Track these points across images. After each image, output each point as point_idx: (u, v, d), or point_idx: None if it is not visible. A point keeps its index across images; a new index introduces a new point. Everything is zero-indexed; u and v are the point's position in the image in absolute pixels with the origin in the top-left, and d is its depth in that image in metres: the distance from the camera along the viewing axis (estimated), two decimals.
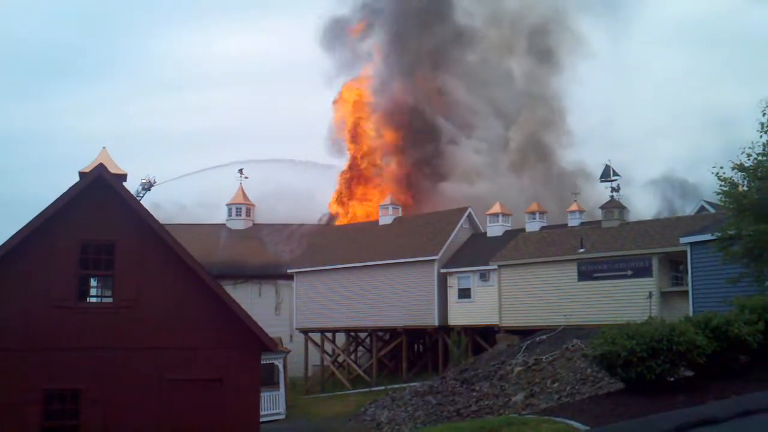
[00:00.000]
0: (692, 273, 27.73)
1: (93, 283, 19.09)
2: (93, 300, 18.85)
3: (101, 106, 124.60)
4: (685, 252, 28.64)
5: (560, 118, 66.50)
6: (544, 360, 29.21)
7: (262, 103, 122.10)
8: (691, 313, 23.57)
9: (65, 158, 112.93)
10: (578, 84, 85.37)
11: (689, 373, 13.76)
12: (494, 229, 43.48)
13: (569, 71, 68.28)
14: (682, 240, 28.64)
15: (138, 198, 64.04)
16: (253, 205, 61.05)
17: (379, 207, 51.09)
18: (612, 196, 39.08)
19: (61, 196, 16.57)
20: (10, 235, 16.15)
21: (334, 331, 47.36)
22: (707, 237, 25.72)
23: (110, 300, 17.52)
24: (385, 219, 48.59)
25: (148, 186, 66.60)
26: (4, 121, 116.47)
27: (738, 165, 21.52)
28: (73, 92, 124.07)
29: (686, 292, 28.94)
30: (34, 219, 16.24)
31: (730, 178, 21.69)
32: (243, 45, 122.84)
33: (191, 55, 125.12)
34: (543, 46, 66.86)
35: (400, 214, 49.43)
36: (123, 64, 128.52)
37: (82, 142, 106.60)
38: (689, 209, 45.83)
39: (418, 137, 62.90)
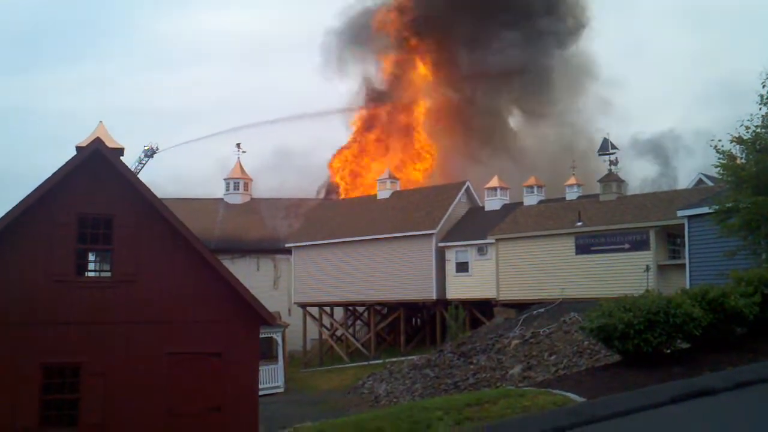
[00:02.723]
0: (689, 246, 27.79)
1: (91, 257, 19.08)
2: (92, 274, 18.87)
3: (94, 82, 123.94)
4: (682, 225, 28.68)
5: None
6: (541, 333, 29.36)
7: (256, 79, 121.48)
8: (687, 286, 23.66)
9: (59, 135, 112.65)
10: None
11: (686, 345, 13.85)
12: (492, 203, 43.53)
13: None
14: (680, 213, 28.67)
15: (141, 164, 64.13)
16: (251, 180, 61.00)
17: (377, 181, 51.07)
18: (610, 170, 39.07)
19: (58, 170, 16.51)
20: (7, 210, 16.13)
21: (332, 305, 47.54)
22: (705, 210, 25.74)
23: (109, 274, 17.53)
24: (383, 193, 48.57)
25: (151, 153, 66.44)
26: None
27: (736, 138, 21.47)
28: (65, 69, 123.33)
29: (683, 265, 29.04)
30: (31, 193, 16.20)
31: (729, 151, 21.67)
32: (232, 21, 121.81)
33: (181, 31, 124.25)
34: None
35: (398, 189, 49.41)
36: (114, 41, 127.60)
37: (76, 118, 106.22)
38: (684, 166, 45.83)
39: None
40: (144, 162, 65.90)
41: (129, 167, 18.65)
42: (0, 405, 15.41)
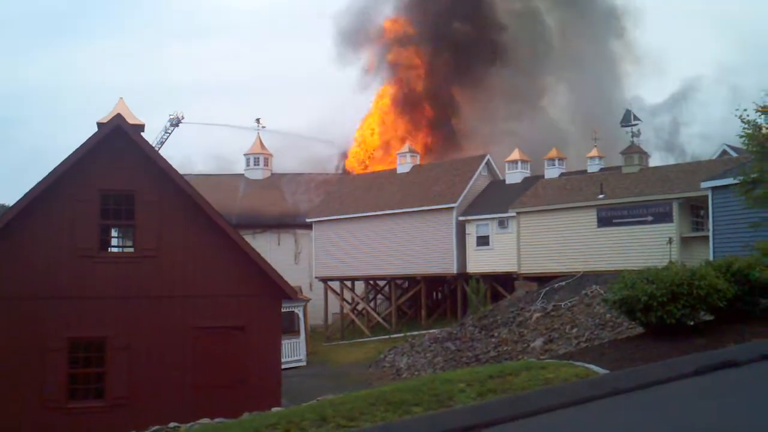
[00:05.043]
0: (713, 218, 27.52)
1: (114, 233, 19.27)
2: (115, 250, 19.05)
3: (114, 57, 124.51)
4: (706, 197, 28.39)
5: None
6: (562, 306, 29.30)
7: (277, 53, 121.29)
8: (711, 258, 23.45)
9: (83, 110, 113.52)
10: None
11: (709, 317, 13.73)
12: (513, 176, 43.29)
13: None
14: (703, 185, 28.36)
15: (168, 133, 64.32)
16: (271, 155, 61.05)
17: (397, 155, 50.95)
18: (632, 141, 38.67)
19: (79, 146, 16.63)
20: (31, 186, 16.29)
21: (353, 279, 47.69)
22: (729, 181, 25.42)
23: (132, 250, 17.70)
24: (403, 167, 48.47)
25: (176, 122, 66.39)
26: (21, 74, 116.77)
27: (762, 107, 21.11)
28: (87, 44, 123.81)
29: (707, 237, 28.78)
30: (54, 169, 16.35)
31: (754, 121, 21.32)
32: None
33: (201, 5, 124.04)
34: None
35: (418, 162, 49.28)
36: (133, 15, 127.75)
37: (99, 93, 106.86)
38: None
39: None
40: (170, 131, 65.99)
41: (150, 143, 18.72)
42: (28, 378, 15.67)
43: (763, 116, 21.19)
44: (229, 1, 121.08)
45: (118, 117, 17.10)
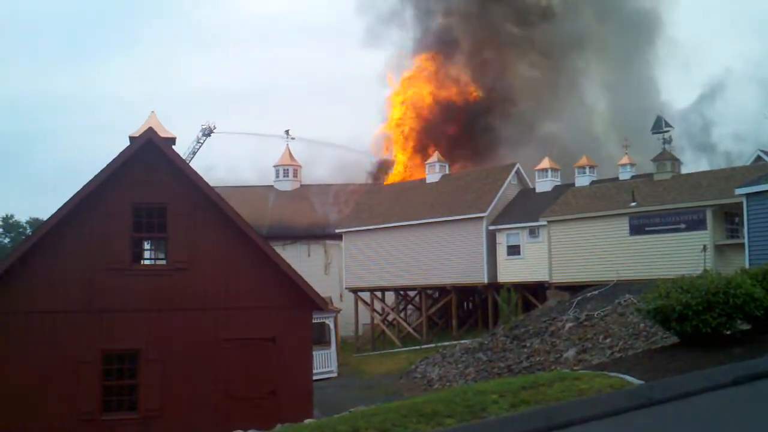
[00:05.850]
0: (748, 225, 27.07)
1: (146, 246, 19.45)
2: (147, 262, 19.23)
3: (142, 69, 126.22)
4: (740, 204, 27.95)
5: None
6: (595, 315, 28.97)
7: (304, 60, 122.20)
8: (747, 266, 23.06)
9: (111, 122, 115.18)
10: None
11: (746, 326, 13.49)
12: (543, 185, 43.03)
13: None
14: (738, 191, 27.92)
15: (200, 143, 64.95)
16: (300, 166, 61.33)
17: (426, 164, 50.93)
18: (664, 148, 38.24)
19: (112, 160, 16.84)
20: (64, 201, 16.52)
21: (384, 289, 47.64)
22: (764, 187, 25.04)
23: (164, 262, 17.85)
24: (432, 177, 48.41)
25: (208, 132, 66.94)
26: (54, 85, 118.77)
27: None
28: (118, 57, 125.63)
29: (742, 244, 28.32)
30: (87, 184, 16.56)
31: None
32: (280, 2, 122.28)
33: (228, 13, 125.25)
34: None
35: (447, 172, 49.21)
36: (150, 25, 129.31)
37: (130, 105, 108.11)
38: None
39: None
40: (202, 141, 66.61)
41: (181, 156, 18.90)
42: (63, 391, 15.84)
43: None
44: (239, 9, 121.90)
45: (150, 131, 17.29)
